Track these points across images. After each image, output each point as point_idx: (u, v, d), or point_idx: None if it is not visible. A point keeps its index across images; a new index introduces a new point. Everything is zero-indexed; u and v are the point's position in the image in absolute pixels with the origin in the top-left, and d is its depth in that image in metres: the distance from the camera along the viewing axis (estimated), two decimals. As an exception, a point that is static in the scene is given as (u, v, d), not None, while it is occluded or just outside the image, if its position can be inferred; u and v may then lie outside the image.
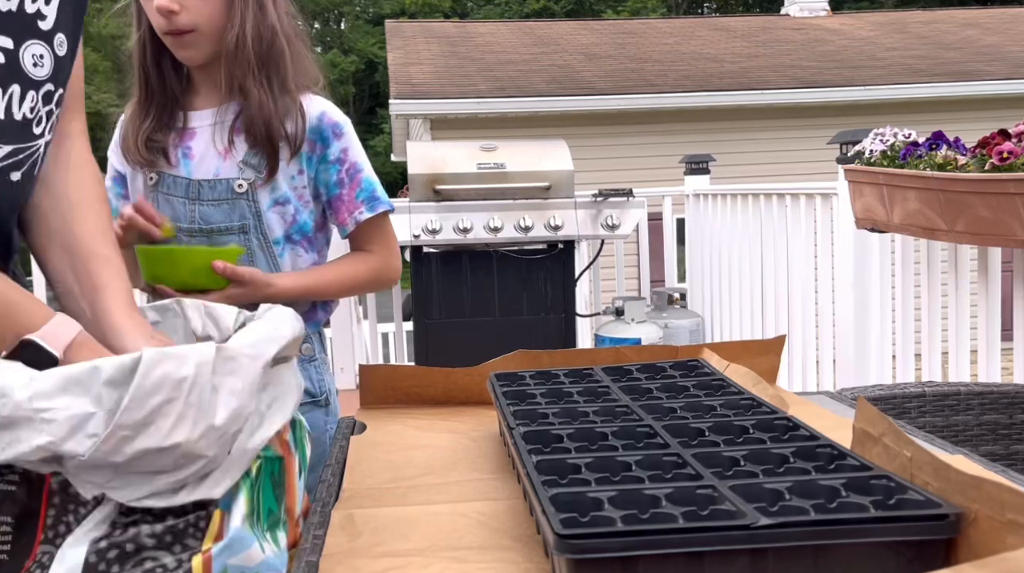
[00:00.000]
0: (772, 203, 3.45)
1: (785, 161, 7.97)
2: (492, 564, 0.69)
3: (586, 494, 0.64)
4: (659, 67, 9.59)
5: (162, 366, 0.65)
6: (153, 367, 0.64)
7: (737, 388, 0.97)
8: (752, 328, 3.69)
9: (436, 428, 1.09)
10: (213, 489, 0.69)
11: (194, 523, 0.70)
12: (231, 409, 0.67)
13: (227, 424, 0.67)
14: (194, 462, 0.67)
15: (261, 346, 0.71)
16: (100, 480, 0.67)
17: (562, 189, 3.16)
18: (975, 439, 1.58)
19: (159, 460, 0.66)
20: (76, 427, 0.64)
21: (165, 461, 0.66)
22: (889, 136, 2.18)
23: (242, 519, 0.71)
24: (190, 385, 0.66)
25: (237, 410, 0.68)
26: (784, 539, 0.57)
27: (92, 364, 0.65)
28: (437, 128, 8.38)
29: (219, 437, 0.67)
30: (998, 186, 1.75)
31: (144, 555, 0.68)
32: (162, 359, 0.65)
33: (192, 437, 0.66)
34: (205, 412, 0.66)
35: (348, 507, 0.82)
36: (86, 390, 0.64)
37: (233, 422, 0.68)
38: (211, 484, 0.69)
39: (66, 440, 0.64)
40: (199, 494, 0.68)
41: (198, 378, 0.66)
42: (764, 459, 0.73)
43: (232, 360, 0.68)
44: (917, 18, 12.28)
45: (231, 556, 0.70)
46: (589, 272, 3.83)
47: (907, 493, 0.63)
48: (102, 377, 0.64)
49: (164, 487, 0.67)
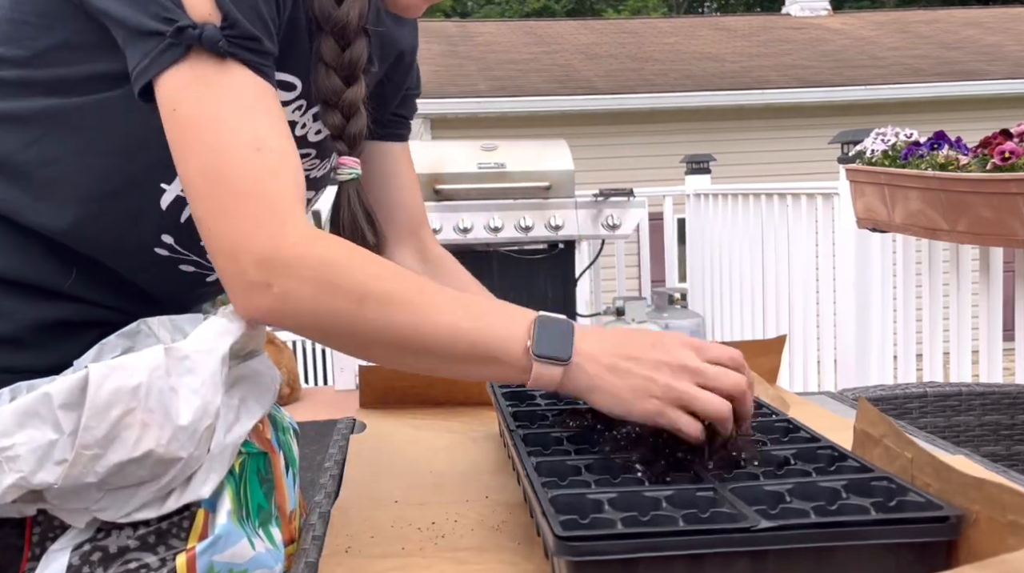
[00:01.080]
0: (773, 203, 3.45)
1: (786, 161, 7.97)
2: (492, 565, 0.69)
3: (586, 496, 0.64)
4: (660, 67, 9.58)
5: (112, 379, 0.64)
6: (103, 381, 0.64)
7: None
8: (753, 328, 3.69)
9: (436, 428, 1.09)
10: (200, 489, 0.69)
11: (178, 523, 0.70)
12: (194, 407, 0.67)
13: (194, 422, 0.67)
14: (171, 466, 0.67)
15: (214, 341, 0.70)
16: (86, 504, 0.67)
17: (562, 189, 3.16)
18: (977, 440, 1.58)
19: (136, 471, 0.66)
20: (43, 457, 0.63)
21: (141, 471, 0.66)
22: (890, 136, 2.18)
23: (228, 516, 0.71)
24: (146, 391, 0.65)
25: (202, 407, 0.67)
26: (785, 541, 0.57)
27: (42, 390, 0.64)
28: (437, 128, 8.38)
29: (189, 436, 0.67)
30: (1000, 186, 1.74)
31: (128, 557, 0.68)
32: (110, 372, 0.65)
33: (161, 442, 0.66)
34: (168, 415, 0.66)
35: (347, 506, 0.82)
36: (43, 419, 0.64)
37: (201, 419, 0.67)
38: (197, 485, 0.69)
39: (36, 472, 0.63)
40: (188, 497, 0.68)
41: (152, 383, 0.65)
42: (765, 461, 0.73)
43: (186, 358, 0.68)
44: (918, 18, 12.27)
45: (216, 553, 0.69)
46: (590, 272, 3.83)
47: (908, 495, 0.62)
48: (55, 402, 0.64)
49: (150, 497, 0.67)
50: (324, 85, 0.81)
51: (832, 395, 1.26)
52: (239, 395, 0.74)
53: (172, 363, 0.67)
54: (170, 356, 0.67)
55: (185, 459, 0.67)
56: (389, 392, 1.18)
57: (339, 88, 0.81)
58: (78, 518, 0.68)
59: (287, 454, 0.83)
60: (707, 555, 0.57)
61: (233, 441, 0.71)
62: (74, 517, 0.68)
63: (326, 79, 0.81)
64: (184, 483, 0.68)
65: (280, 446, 0.81)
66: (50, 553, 0.69)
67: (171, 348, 0.68)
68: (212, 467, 0.69)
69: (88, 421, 0.63)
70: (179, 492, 0.68)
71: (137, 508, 0.67)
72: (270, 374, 0.81)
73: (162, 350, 0.67)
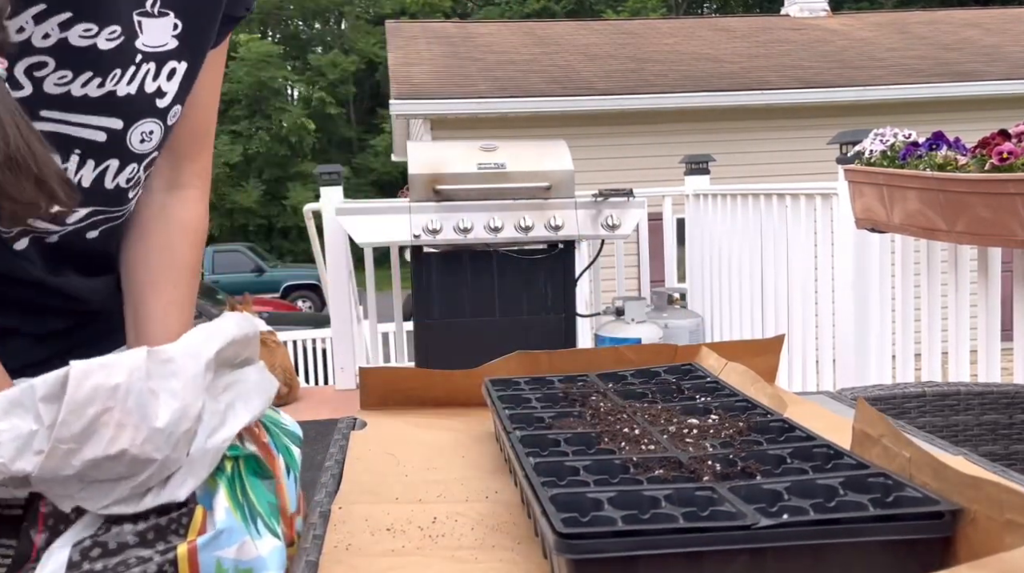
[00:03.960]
0: (772, 203, 3.45)
1: (785, 161, 7.97)
2: (491, 564, 0.69)
3: (586, 495, 0.64)
4: (659, 67, 9.59)
5: (93, 377, 0.65)
6: (84, 379, 0.65)
7: (731, 390, 0.97)
8: (752, 328, 3.69)
9: (436, 427, 1.09)
10: (177, 491, 0.69)
11: (177, 520, 0.71)
12: (172, 410, 0.68)
13: (171, 425, 0.68)
14: (146, 466, 0.68)
15: (199, 345, 0.71)
16: (69, 491, 0.68)
17: (562, 189, 3.17)
18: (975, 439, 1.58)
19: (112, 467, 0.67)
20: (22, 447, 0.65)
21: (118, 468, 0.67)
22: (889, 136, 2.18)
23: (226, 512, 0.71)
24: (125, 392, 0.66)
25: (180, 410, 0.68)
26: (784, 539, 0.57)
27: (28, 383, 0.65)
28: (437, 128, 8.38)
29: (166, 439, 0.67)
30: (998, 186, 1.75)
31: (127, 552, 0.69)
32: (92, 370, 0.66)
33: (136, 442, 0.66)
34: (146, 416, 0.67)
35: (347, 504, 0.82)
36: (26, 409, 0.65)
37: (179, 422, 0.68)
38: (174, 486, 0.69)
39: (15, 460, 0.65)
40: (164, 497, 0.69)
41: (132, 384, 0.66)
42: (762, 460, 0.73)
43: (170, 362, 0.69)
44: (917, 18, 12.27)
45: (220, 548, 0.70)
46: (589, 272, 3.83)
47: (904, 490, 0.63)
48: (37, 394, 0.65)
49: (127, 493, 0.68)
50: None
51: (831, 395, 1.26)
52: (226, 401, 0.74)
53: (154, 365, 0.68)
54: (153, 358, 0.68)
55: (160, 461, 0.68)
56: (390, 393, 1.18)
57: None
58: (64, 503, 0.69)
59: (287, 458, 0.83)
60: (706, 553, 0.57)
61: (215, 446, 0.71)
62: (61, 502, 0.69)
63: None
64: (161, 483, 0.69)
65: (279, 450, 0.82)
66: (51, 549, 0.69)
67: (155, 350, 0.69)
68: (191, 471, 0.70)
69: (66, 416, 0.64)
70: (156, 492, 0.69)
71: (114, 502, 0.68)
72: (264, 382, 0.81)
73: (145, 352, 0.68)
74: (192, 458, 0.70)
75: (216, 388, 0.73)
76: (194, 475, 0.70)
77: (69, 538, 0.70)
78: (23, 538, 0.72)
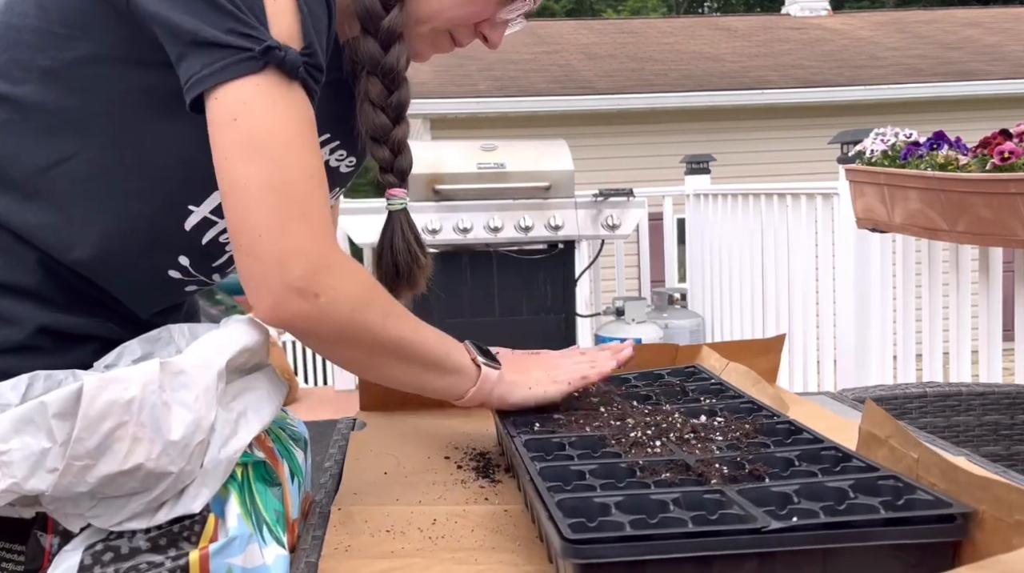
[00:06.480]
0: (773, 203, 3.45)
1: (786, 161, 7.97)
2: (491, 565, 0.69)
3: (592, 499, 0.64)
4: (659, 67, 9.58)
5: (106, 391, 0.65)
6: (97, 394, 0.65)
7: (736, 392, 0.96)
8: (753, 328, 3.69)
9: (436, 427, 1.09)
10: (192, 504, 0.69)
11: (189, 527, 0.70)
12: (186, 422, 0.67)
13: (186, 437, 0.67)
14: (161, 480, 0.67)
15: (210, 356, 0.71)
16: (80, 510, 0.67)
17: (562, 189, 3.16)
18: (976, 440, 1.58)
19: (126, 482, 0.66)
20: (35, 465, 0.64)
21: (132, 483, 0.67)
22: (890, 136, 2.18)
23: (238, 519, 0.71)
24: (139, 405, 0.66)
25: (194, 422, 0.68)
26: (794, 542, 0.57)
27: (39, 400, 0.65)
28: (437, 128, 8.37)
29: (180, 452, 0.67)
30: (999, 186, 1.74)
31: (139, 557, 0.69)
32: (105, 385, 0.65)
33: (151, 456, 0.66)
34: (160, 429, 0.66)
35: (347, 506, 0.82)
36: (38, 427, 0.64)
37: (193, 434, 0.68)
38: (188, 499, 0.69)
39: (28, 479, 0.64)
40: (179, 510, 0.69)
41: (146, 397, 0.66)
42: (770, 462, 0.73)
43: (182, 374, 0.68)
44: (918, 18, 12.27)
45: (232, 556, 0.70)
46: (589, 272, 3.82)
47: (915, 493, 0.62)
48: (50, 411, 0.64)
49: (141, 508, 0.68)
50: (372, 122, 0.87)
51: (832, 395, 1.26)
52: (238, 409, 0.74)
53: (167, 378, 0.67)
54: (165, 371, 0.67)
55: (176, 473, 0.67)
56: (389, 394, 1.18)
57: (387, 126, 0.88)
58: (73, 523, 0.68)
59: (291, 464, 0.83)
60: (716, 557, 0.57)
61: (228, 456, 0.71)
62: (70, 522, 0.68)
63: (374, 117, 0.87)
64: (176, 496, 0.69)
65: (282, 456, 0.81)
66: (63, 553, 0.69)
67: (167, 362, 0.68)
68: (205, 482, 0.70)
69: (80, 432, 0.64)
70: (170, 505, 0.69)
71: (128, 518, 0.68)
72: (275, 387, 0.81)
73: (157, 364, 0.68)
74: (206, 469, 0.69)
75: (227, 396, 0.72)
76: (208, 486, 0.70)
77: (80, 542, 0.69)
78: (32, 542, 0.71)
